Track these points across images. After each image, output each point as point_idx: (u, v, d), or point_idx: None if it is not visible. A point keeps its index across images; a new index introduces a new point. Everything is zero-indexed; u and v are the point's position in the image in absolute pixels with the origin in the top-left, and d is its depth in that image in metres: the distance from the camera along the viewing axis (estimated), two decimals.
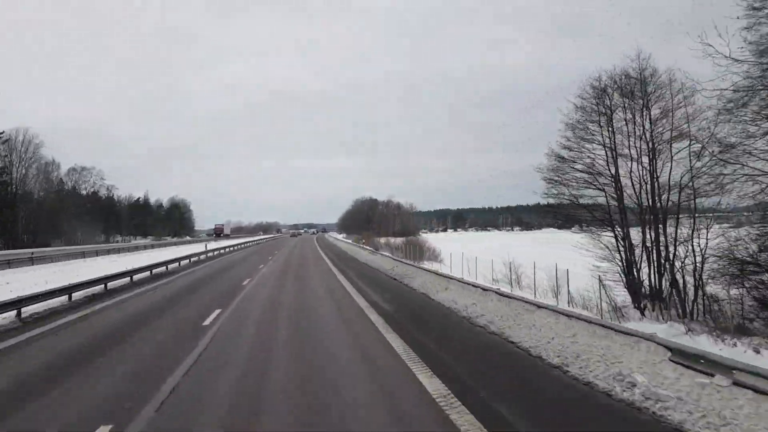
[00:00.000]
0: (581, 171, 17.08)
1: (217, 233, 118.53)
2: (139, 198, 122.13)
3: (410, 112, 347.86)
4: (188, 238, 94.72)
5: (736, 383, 5.48)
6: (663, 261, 15.07)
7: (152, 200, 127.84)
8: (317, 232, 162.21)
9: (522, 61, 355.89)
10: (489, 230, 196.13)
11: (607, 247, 16.16)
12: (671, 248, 14.87)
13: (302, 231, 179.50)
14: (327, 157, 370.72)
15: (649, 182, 15.48)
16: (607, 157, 16.47)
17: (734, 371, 5.61)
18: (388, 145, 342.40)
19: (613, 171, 16.29)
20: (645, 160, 15.59)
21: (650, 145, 15.50)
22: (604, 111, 16.51)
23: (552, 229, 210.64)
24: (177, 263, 31.11)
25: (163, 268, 27.38)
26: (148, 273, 24.21)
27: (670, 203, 15.03)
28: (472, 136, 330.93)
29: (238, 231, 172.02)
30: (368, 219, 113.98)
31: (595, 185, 16.85)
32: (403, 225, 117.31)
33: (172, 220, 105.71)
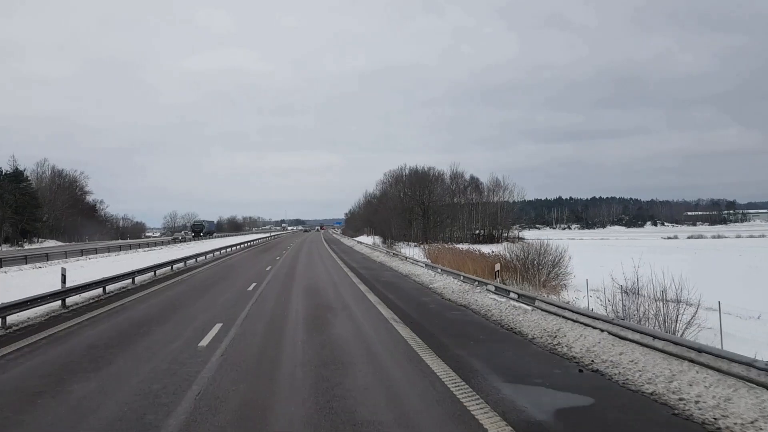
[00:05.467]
0: None
1: None
2: None
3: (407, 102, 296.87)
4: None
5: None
6: None
7: (27, 170, 66.21)
8: (319, 230, 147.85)
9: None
10: (538, 228, 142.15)
11: None
12: None
13: (312, 229, 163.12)
14: (311, 152, 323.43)
15: None
16: None
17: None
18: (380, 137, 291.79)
19: None
20: None
21: None
22: None
23: (619, 227, 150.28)
24: None
25: None
26: None
27: None
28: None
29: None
30: (424, 208, 57.37)
31: None
32: (491, 220, 61.36)
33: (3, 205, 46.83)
